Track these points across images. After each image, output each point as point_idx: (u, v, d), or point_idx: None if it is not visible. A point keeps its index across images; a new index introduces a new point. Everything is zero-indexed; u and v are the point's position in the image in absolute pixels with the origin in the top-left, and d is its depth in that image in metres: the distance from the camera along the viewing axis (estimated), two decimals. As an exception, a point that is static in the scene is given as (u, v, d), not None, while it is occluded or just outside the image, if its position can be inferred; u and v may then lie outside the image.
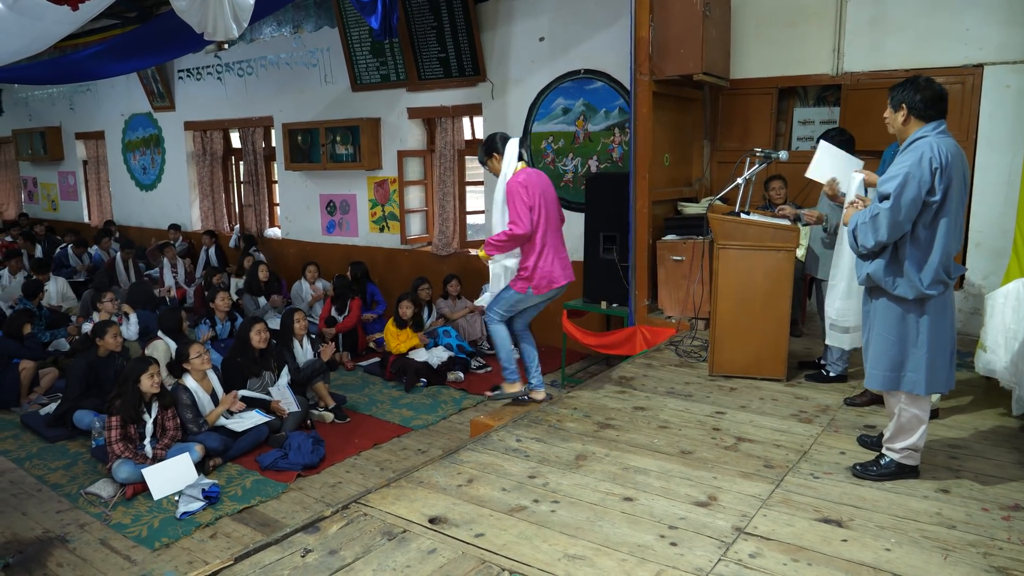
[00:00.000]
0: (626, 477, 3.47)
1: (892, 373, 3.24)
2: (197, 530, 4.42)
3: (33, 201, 15.52)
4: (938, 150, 3.05)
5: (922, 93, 3.15)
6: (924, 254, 3.13)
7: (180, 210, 12.09)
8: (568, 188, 7.74)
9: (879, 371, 3.27)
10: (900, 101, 3.20)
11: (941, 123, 3.18)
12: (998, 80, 5.45)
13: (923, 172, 3.02)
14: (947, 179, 3.05)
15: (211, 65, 10.95)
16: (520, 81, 7.92)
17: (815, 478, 3.42)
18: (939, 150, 3.05)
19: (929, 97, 3.15)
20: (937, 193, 3.04)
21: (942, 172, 3.03)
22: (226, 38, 5.40)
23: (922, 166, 3.03)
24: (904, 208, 3.04)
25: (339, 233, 9.96)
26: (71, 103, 13.67)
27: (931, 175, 3.02)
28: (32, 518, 4.63)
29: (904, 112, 3.20)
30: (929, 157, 3.03)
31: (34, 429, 6.02)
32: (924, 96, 3.15)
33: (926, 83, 3.17)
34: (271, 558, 2.81)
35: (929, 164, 3.03)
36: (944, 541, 2.85)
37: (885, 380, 3.26)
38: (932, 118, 3.17)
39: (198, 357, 5.49)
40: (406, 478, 3.49)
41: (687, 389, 4.71)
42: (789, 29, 6.27)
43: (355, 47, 8.99)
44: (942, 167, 3.03)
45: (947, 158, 3.05)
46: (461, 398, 6.66)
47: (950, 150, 3.08)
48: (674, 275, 6.01)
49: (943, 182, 3.04)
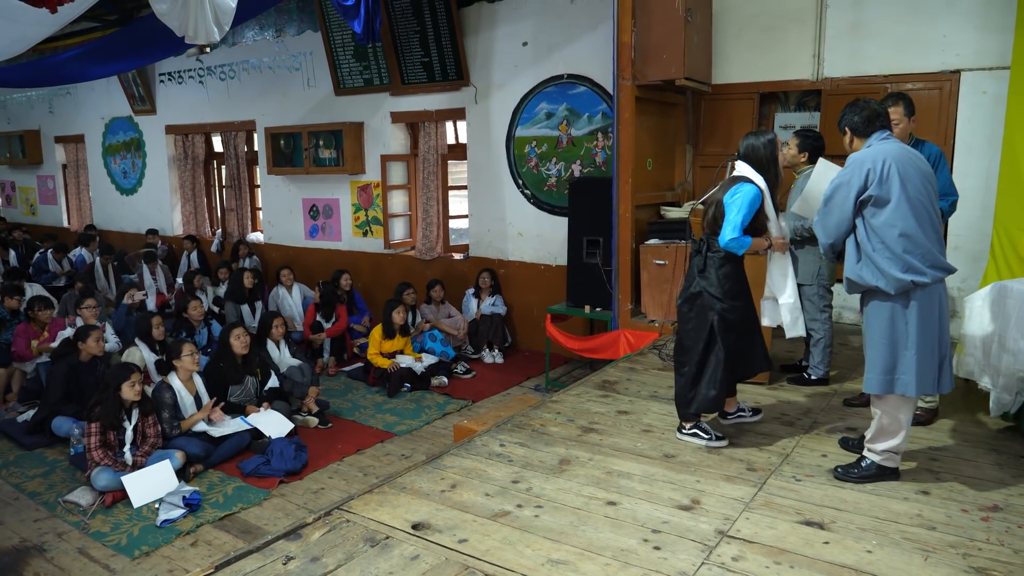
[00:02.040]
0: (609, 481, 3.47)
1: (886, 376, 3.28)
2: (178, 538, 4.37)
3: (11, 205, 15.34)
4: (873, 156, 3.25)
5: (859, 114, 3.43)
6: (882, 240, 3.23)
7: (161, 214, 11.99)
8: (551, 192, 7.75)
9: (875, 375, 3.30)
10: (844, 125, 3.50)
11: (882, 132, 3.40)
12: (975, 86, 5.52)
13: (852, 176, 3.26)
14: (885, 174, 3.19)
15: (193, 69, 10.88)
16: (503, 85, 7.93)
17: (797, 481, 3.44)
18: (875, 155, 3.25)
19: (867, 116, 3.42)
20: (870, 189, 3.21)
21: (875, 171, 3.20)
22: (207, 42, 5.38)
23: (852, 170, 3.26)
24: (833, 210, 3.32)
25: (322, 238, 9.92)
26: (50, 106, 13.53)
27: (864, 176, 3.22)
28: (9, 527, 4.56)
29: (849, 134, 3.49)
30: (861, 160, 3.26)
31: (11, 436, 5.93)
32: (862, 116, 3.42)
33: (863, 104, 3.45)
34: (252, 566, 2.78)
35: (861, 166, 3.24)
36: (924, 542, 2.87)
37: (881, 383, 3.29)
38: (871, 133, 3.41)
39: (190, 356, 5.43)
40: (389, 484, 3.47)
41: (670, 393, 4.69)
42: (770, 34, 6.32)
43: (338, 51, 8.96)
44: (875, 167, 3.21)
45: (884, 159, 3.22)
46: (445, 403, 6.64)
47: (890, 152, 3.25)
48: (657, 279, 6.03)
49: (879, 179, 3.20)
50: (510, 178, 8.05)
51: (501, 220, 8.23)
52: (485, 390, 6.97)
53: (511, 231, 8.17)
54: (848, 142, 3.51)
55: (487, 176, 8.24)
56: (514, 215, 8.11)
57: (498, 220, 8.25)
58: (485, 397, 6.79)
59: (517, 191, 8.02)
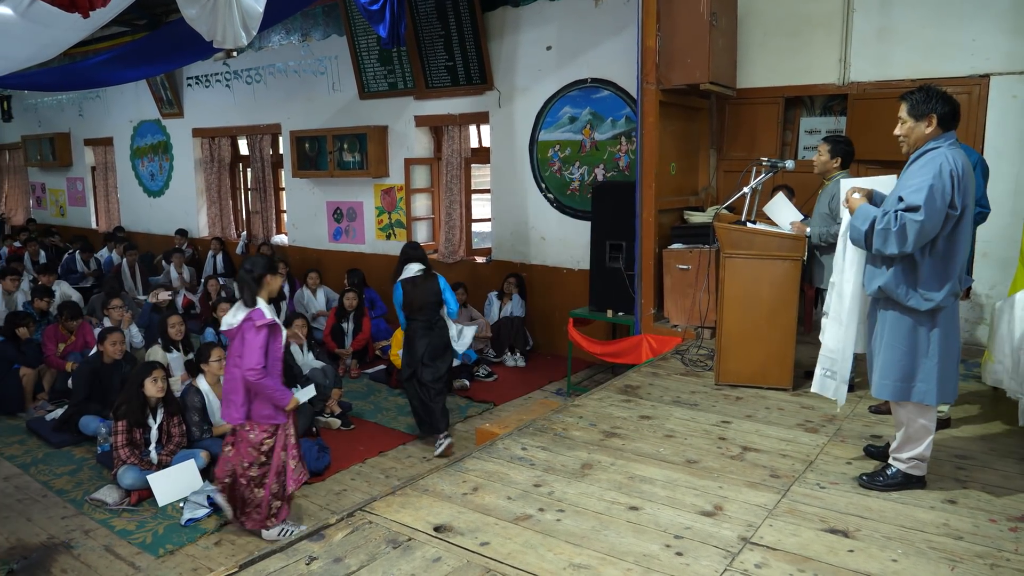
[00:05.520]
0: (632, 486, 3.46)
1: (902, 383, 3.23)
2: (202, 537, 4.42)
3: (41, 207, 15.61)
4: (954, 161, 3.06)
5: (950, 105, 3.18)
6: (943, 265, 3.13)
7: (187, 216, 12.14)
8: (574, 196, 7.75)
9: (889, 381, 3.25)
10: (928, 111, 3.18)
11: (952, 134, 3.20)
12: (1005, 90, 5.45)
13: (944, 183, 3.02)
14: (963, 191, 3.06)
15: (220, 72, 11.00)
16: (527, 89, 7.94)
17: (821, 488, 3.41)
18: (955, 161, 3.06)
19: (953, 110, 3.18)
20: (957, 205, 3.05)
21: (959, 183, 3.04)
22: (235, 46, 5.43)
23: (943, 177, 3.03)
24: (933, 218, 3.02)
25: (346, 240, 9.98)
26: (80, 109, 13.76)
27: (952, 186, 3.03)
28: (37, 524, 4.64)
29: (932, 122, 3.18)
30: (949, 169, 3.04)
31: (39, 434, 6.03)
32: (951, 108, 3.18)
33: (949, 96, 3.20)
34: (276, 565, 2.80)
35: (950, 175, 3.03)
36: (951, 552, 2.83)
37: (895, 390, 3.25)
38: (951, 128, 3.20)
39: (217, 361, 5.47)
40: (411, 486, 3.48)
41: (693, 398, 4.70)
42: (795, 39, 6.28)
43: (363, 55, 9.03)
44: (959, 178, 3.04)
45: (962, 169, 3.07)
46: (467, 406, 6.65)
47: (963, 161, 3.10)
48: (680, 284, 6.00)
49: (961, 194, 3.05)
50: (533, 182, 8.05)
51: (524, 224, 8.23)
52: (507, 393, 6.97)
53: (534, 235, 8.17)
54: (926, 128, 3.18)
55: (510, 180, 8.25)
56: (537, 219, 8.11)
57: (521, 224, 8.26)
58: (507, 400, 6.79)
59: (540, 195, 8.02)
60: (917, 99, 3.20)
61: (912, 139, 3.25)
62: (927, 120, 3.18)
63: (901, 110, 3.26)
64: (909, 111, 3.23)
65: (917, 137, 3.23)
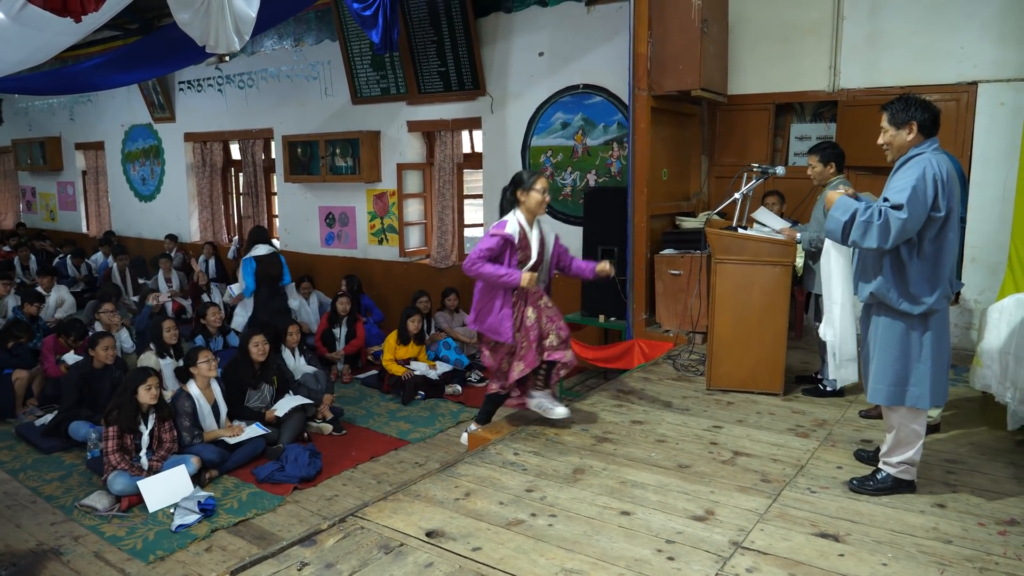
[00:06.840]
0: (623, 491, 3.47)
1: (896, 388, 3.26)
2: (192, 543, 4.40)
3: (31, 211, 15.53)
4: (938, 165, 3.11)
5: (930, 112, 3.23)
6: (932, 269, 3.17)
7: (179, 221, 12.10)
8: (567, 202, 7.77)
9: (883, 385, 3.28)
10: (908, 119, 3.23)
11: (935, 140, 3.26)
12: (993, 97, 5.50)
13: (927, 185, 3.07)
14: (948, 194, 3.10)
15: (212, 77, 10.99)
16: (519, 95, 7.96)
17: (812, 492, 3.42)
18: (938, 166, 3.12)
19: (933, 115, 3.24)
20: (941, 208, 3.09)
21: (943, 187, 3.09)
22: (228, 51, 5.43)
23: (926, 180, 3.08)
24: (915, 217, 3.06)
25: (338, 245, 9.98)
26: (71, 113, 13.71)
27: (935, 189, 3.07)
28: (26, 530, 4.61)
29: (913, 129, 3.23)
30: (932, 173, 3.09)
31: (29, 440, 5.99)
32: (931, 115, 3.23)
33: (928, 103, 3.26)
34: (267, 571, 2.80)
35: (933, 179, 3.08)
36: (940, 556, 2.85)
37: (889, 395, 3.27)
38: (933, 134, 3.25)
39: (206, 363, 5.46)
40: (403, 491, 3.48)
41: (685, 403, 4.71)
42: (786, 46, 6.32)
43: (356, 60, 9.04)
44: (943, 181, 3.09)
45: (946, 173, 3.12)
46: (459, 411, 6.65)
47: (947, 166, 3.15)
48: (672, 289, 6.03)
49: (945, 197, 3.09)
50: (525, 187, 8.04)
51: (516, 229, 8.22)
52: (499, 399, 6.95)
53: (526, 240, 8.16)
54: (908, 136, 3.24)
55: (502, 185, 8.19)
56: (529, 224, 8.10)
57: (513, 229, 8.24)
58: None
59: (532, 200, 8.01)
60: (897, 108, 3.27)
61: (895, 147, 3.30)
62: (908, 128, 3.24)
63: (883, 120, 3.32)
64: (890, 120, 3.29)
65: (900, 145, 3.28)
